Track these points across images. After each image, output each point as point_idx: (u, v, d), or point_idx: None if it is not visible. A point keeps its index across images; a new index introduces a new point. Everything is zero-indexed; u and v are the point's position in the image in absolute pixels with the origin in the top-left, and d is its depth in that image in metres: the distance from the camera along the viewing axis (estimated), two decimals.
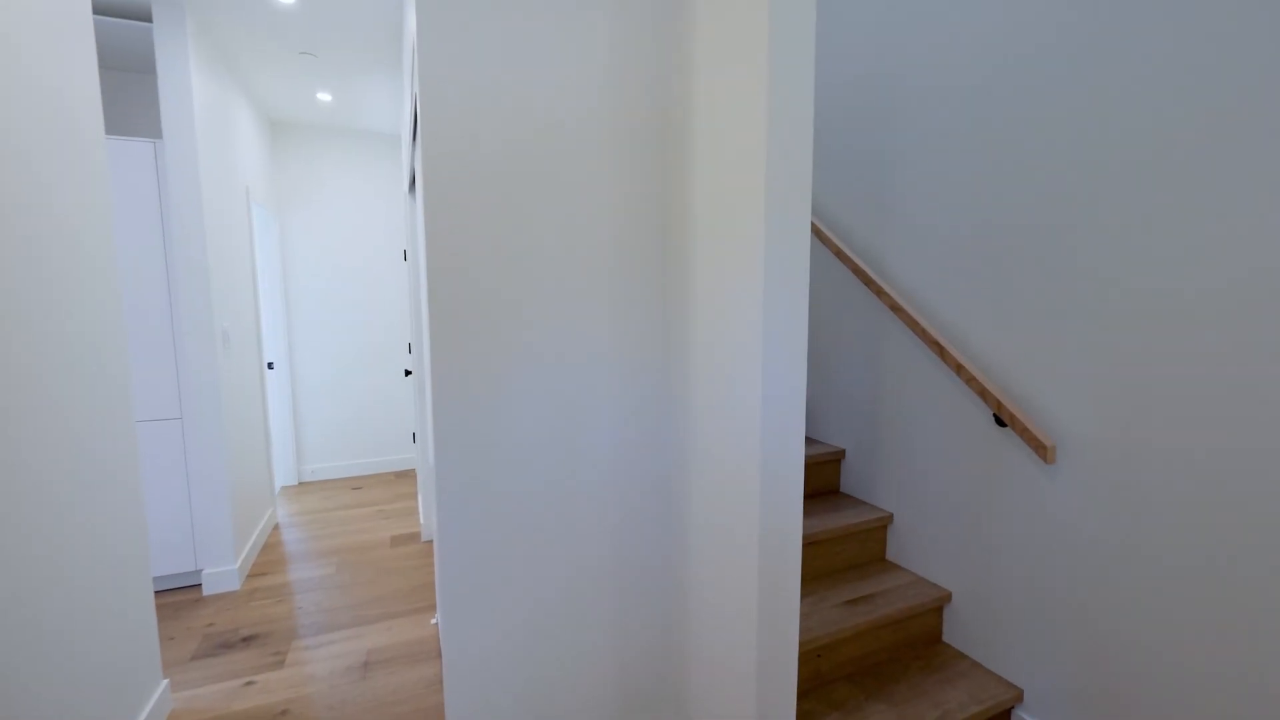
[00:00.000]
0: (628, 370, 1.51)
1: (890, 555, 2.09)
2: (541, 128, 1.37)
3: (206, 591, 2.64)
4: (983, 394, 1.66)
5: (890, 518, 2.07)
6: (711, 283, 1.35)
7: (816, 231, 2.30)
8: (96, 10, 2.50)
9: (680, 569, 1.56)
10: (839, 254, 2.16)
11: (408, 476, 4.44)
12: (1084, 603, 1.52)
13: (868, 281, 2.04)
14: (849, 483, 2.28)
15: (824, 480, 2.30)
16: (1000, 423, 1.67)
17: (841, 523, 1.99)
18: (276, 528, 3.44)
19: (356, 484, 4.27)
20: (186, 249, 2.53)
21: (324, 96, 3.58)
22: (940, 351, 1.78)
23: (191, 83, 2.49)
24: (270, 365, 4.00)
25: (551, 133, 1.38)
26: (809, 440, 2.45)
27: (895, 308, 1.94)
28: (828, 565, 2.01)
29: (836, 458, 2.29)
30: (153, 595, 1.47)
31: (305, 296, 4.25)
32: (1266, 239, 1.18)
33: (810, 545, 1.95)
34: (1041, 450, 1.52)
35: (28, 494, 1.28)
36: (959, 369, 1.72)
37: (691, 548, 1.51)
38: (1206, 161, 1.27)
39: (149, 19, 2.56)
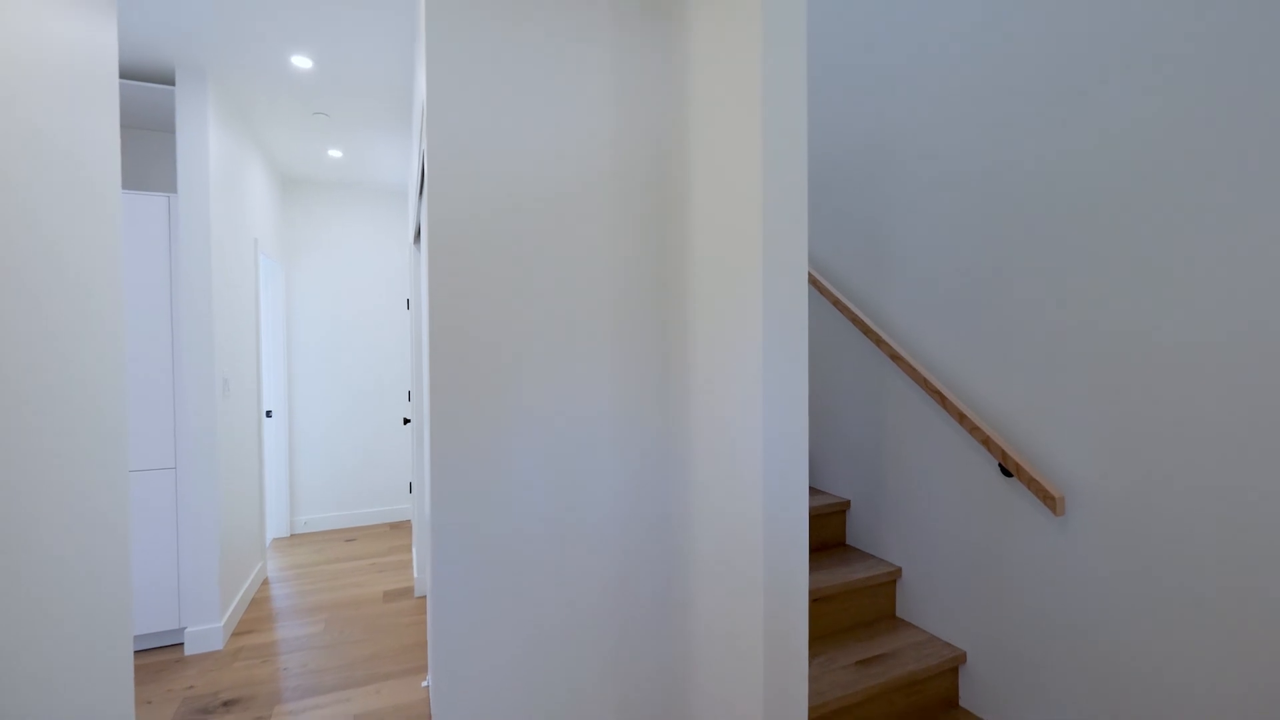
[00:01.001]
0: (627, 420, 1.50)
1: (900, 612, 2.02)
2: (544, 187, 1.41)
3: (189, 651, 2.53)
4: (986, 443, 1.64)
5: (899, 572, 2.00)
6: (711, 331, 1.36)
7: (814, 282, 2.33)
8: (122, 74, 2.63)
9: (682, 626, 1.50)
10: (837, 304, 2.18)
11: (403, 528, 4.34)
12: (1103, 661, 1.45)
13: (866, 330, 2.05)
14: (855, 535, 2.22)
15: (830, 532, 2.24)
16: (1006, 473, 1.64)
17: (849, 577, 1.93)
18: (266, 582, 3.33)
19: (350, 535, 4.17)
20: (192, 299, 2.56)
21: (335, 153, 3.71)
22: (941, 400, 1.78)
23: (208, 142, 2.58)
24: (269, 414, 3.98)
25: (553, 191, 1.42)
26: (813, 491, 2.40)
27: (895, 356, 1.94)
28: (836, 623, 1.93)
29: (841, 509, 2.24)
30: (132, 656, 1.41)
31: (307, 343, 4.28)
32: (1266, 293, 1.19)
33: (817, 601, 1.89)
34: (1050, 501, 1.49)
35: (11, 544, 1.24)
36: (961, 418, 1.71)
37: (694, 603, 1.46)
38: (1203, 215, 1.30)
39: (172, 82, 2.68)
